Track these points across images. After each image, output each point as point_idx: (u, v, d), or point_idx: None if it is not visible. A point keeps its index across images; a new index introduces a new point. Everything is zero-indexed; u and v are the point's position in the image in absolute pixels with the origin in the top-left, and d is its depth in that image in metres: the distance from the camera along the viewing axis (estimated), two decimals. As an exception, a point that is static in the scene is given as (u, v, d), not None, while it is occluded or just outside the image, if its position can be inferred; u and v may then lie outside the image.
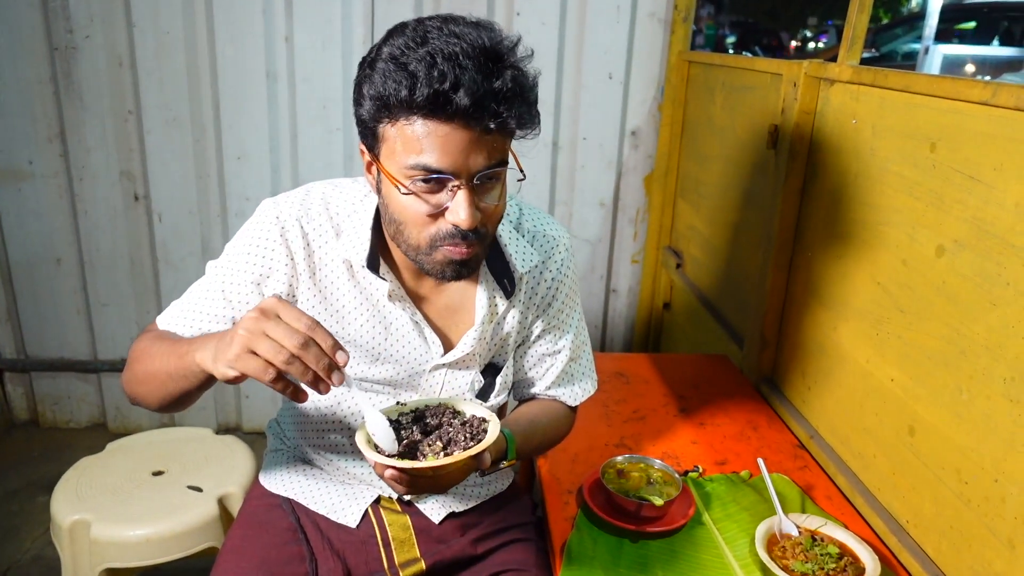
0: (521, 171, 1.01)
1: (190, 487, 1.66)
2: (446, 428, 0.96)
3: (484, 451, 0.93)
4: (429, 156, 0.90)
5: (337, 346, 0.85)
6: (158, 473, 1.72)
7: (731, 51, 10.13)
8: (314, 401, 1.23)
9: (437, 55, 0.86)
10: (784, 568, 1.10)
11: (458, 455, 0.89)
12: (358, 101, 0.95)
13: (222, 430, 2.81)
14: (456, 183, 0.92)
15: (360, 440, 0.93)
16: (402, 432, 0.95)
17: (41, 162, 2.48)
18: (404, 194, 0.94)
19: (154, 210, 2.55)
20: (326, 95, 2.45)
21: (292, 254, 1.08)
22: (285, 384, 0.85)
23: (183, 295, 1.16)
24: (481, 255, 1.03)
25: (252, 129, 2.48)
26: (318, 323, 0.85)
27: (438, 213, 0.95)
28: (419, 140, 0.90)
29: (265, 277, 1.08)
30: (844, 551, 1.15)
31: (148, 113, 2.44)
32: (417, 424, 0.98)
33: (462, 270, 1.01)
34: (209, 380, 0.96)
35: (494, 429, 0.94)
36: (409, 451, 0.93)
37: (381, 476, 0.92)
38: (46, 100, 2.41)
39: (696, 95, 2.38)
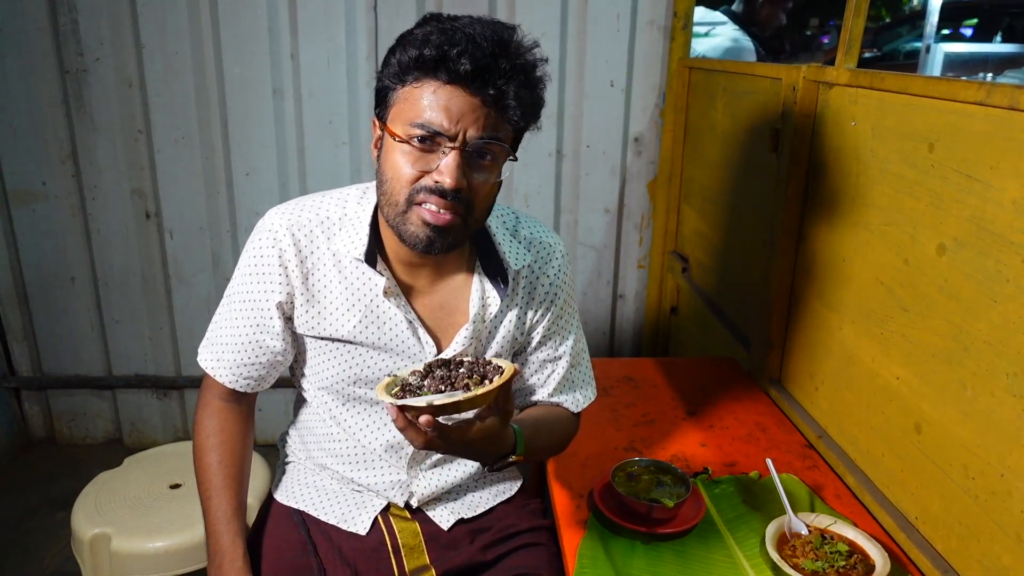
0: (514, 155, 1.05)
1: (207, 499, 1.68)
2: (474, 366, 0.94)
3: (509, 394, 0.94)
4: (430, 114, 0.97)
5: None
6: (175, 486, 1.74)
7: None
8: (318, 412, 1.26)
9: (457, 32, 0.96)
10: (795, 567, 1.11)
11: (498, 380, 0.88)
12: (382, 70, 1.03)
13: (236, 443, 2.83)
14: (449, 145, 0.98)
15: (380, 390, 0.90)
16: (424, 382, 0.93)
17: (54, 183, 2.52)
18: (399, 142, 0.99)
19: (165, 227, 2.59)
20: (332, 110, 2.48)
21: (285, 264, 1.13)
22: None
23: (211, 327, 1.22)
24: (460, 230, 1.03)
25: (260, 145, 2.51)
26: None
27: (426, 173, 1.00)
28: (423, 99, 0.98)
29: (271, 292, 1.14)
30: (854, 548, 1.16)
31: (158, 132, 2.48)
32: (436, 371, 0.95)
33: (436, 238, 1.02)
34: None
35: (508, 363, 0.94)
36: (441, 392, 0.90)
37: (402, 429, 0.90)
38: (58, 122, 2.46)
39: (697, 101, 2.40)
